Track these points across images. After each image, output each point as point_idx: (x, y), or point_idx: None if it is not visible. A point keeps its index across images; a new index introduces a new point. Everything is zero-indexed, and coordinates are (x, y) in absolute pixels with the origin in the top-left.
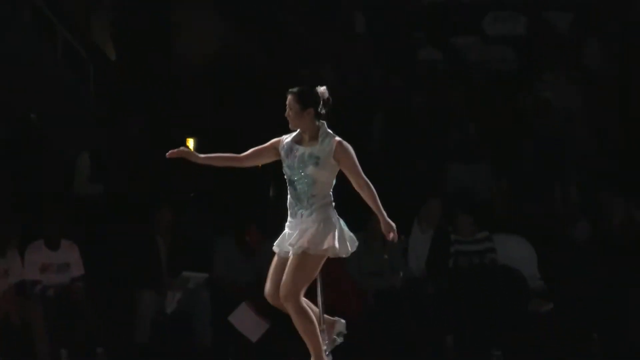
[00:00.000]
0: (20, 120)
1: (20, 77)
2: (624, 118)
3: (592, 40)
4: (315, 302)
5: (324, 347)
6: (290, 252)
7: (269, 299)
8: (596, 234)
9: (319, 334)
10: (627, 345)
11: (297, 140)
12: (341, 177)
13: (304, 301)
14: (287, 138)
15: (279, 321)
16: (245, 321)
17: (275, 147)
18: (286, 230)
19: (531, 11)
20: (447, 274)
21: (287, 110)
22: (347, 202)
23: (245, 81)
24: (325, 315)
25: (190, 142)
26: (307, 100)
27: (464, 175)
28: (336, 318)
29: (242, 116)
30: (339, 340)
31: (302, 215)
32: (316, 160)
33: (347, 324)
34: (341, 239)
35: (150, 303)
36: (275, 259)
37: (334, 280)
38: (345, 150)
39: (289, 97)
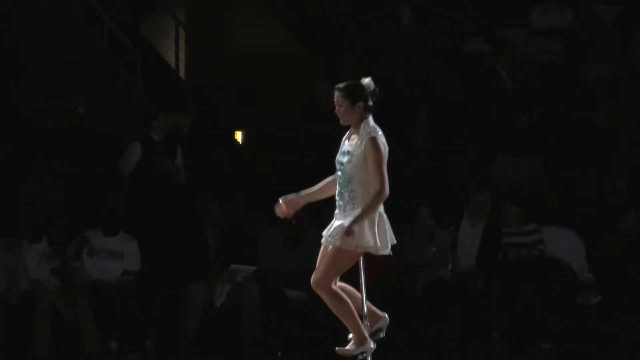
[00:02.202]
0: (69, 111)
1: (68, 67)
2: None
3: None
4: (358, 287)
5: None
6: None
7: (313, 287)
8: None
9: (355, 314)
10: None
11: (348, 136)
12: (388, 171)
13: (339, 286)
14: (345, 143)
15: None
16: None
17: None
18: (334, 220)
19: (578, 4)
20: (495, 267)
21: (337, 107)
22: (393, 193)
23: (287, 75)
24: (370, 304)
25: (239, 135)
26: (356, 94)
27: (513, 167)
28: (382, 313)
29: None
30: (381, 335)
31: (344, 209)
32: (350, 158)
33: (392, 314)
34: (382, 237)
35: (199, 296)
36: (322, 247)
37: (380, 268)
38: (372, 146)
39: (336, 93)
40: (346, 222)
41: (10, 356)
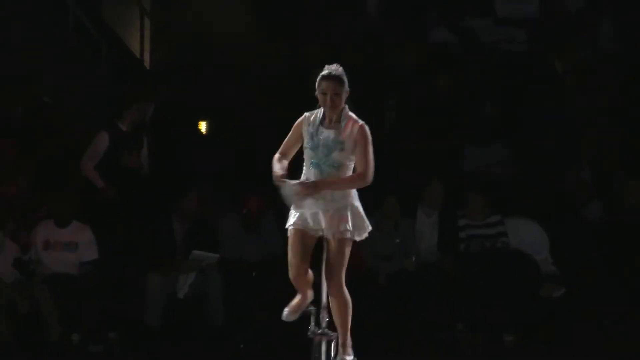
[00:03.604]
0: (34, 100)
1: (33, 53)
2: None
3: (607, 21)
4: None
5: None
6: (329, 236)
7: (298, 278)
8: (609, 215)
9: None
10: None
11: (322, 122)
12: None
13: (309, 275)
14: (310, 116)
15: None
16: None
17: (300, 132)
18: (307, 209)
19: None
20: (458, 258)
21: (330, 95)
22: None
23: (251, 62)
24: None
25: (203, 125)
26: (346, 81)
27: (478, 157)
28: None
29: (252, 95)
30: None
31: (332, 195)
32: (342, 146)
33: (359, 306)
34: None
35: (162, 287)
36: (298, 237)
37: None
38: (364, 135)
39: (333, 84)
40: (334, 210)
41: None
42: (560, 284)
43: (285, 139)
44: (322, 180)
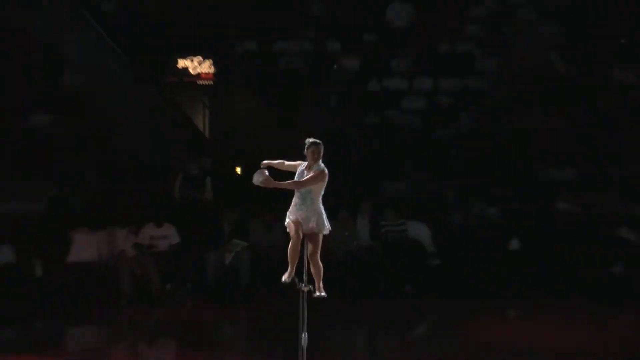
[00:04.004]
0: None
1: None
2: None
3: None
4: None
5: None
6: (294, 221)
7: (296, 261)
8: (467, 221)
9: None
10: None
11: (306, 168)
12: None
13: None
14: (303, 166)
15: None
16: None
17: (295, 167)
18: (298, 215)
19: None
20: (380, 243)
21: (315, 156)
22: (325, 202)
23: None
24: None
25: (238, 169)
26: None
27: (393, 189)
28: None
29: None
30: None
31: (306, 205)
32: (317, 180)
33: (326, 269)
34: (327, 223)
35: (217, 258)
36: (294, 234)
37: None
38: (317, 171)
39: (318, 147)
40: (305, 216)
41: (105, 294)
42: (436, 257)
43: (288, 162)
44: (274, 182)
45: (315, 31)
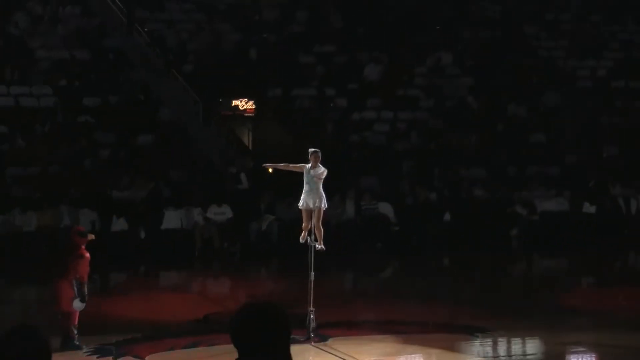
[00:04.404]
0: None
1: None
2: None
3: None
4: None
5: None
6: (307, 207)
7: (308, 227)
8: (416, 202)
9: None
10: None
11: (311, 167)
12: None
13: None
14: (308, 166)
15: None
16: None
17: (299, 168)
18: (307, 198)
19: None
20: (360, 217)
21: (317, 160)
22: (325, 189)
23: None
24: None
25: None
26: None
27: (369, 180)
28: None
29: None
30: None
31: (316, 192)
32: (320, 176)
33: (325, 233)
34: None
35: (256, 226)
36: (305, 210)
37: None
38: (324, 171)
39: (318, 154)
40: (314, 199)
41: (185, 250)
42: (397, 226)
43: (292, 164)
44: (274, 165)
45: (318, 82)
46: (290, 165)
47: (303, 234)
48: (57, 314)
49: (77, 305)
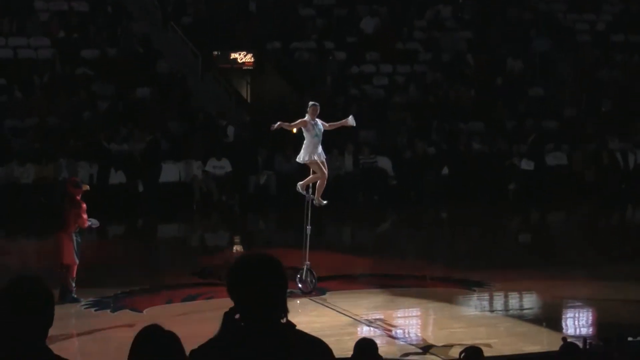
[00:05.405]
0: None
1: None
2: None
3: None
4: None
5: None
6: (317, 159)
7: (312, 173)
8: (415, 156)
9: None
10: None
11: (312, 120)
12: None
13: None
14: (307, 118)
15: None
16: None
17: (304, 123)
18: (312, 151)
19: None
20: (360, 170)
21: (314, 112)
22: (324, 144)
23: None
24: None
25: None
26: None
27: (368, 134)
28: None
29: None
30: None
31: (318, 146)
32: (322, 128)
33: (325, 190)
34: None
35: (256, 180)
36: (310, 162)
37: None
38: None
39: (316, 107)
40: (316, 154)
41: (184, 203)
42: (394, 179)
43: (293, 123)
44: (285, 124)
45: (317, 35)
46: (293, 124)
47: (304, 182)
48: (55, 267)
49: (94, 222)
